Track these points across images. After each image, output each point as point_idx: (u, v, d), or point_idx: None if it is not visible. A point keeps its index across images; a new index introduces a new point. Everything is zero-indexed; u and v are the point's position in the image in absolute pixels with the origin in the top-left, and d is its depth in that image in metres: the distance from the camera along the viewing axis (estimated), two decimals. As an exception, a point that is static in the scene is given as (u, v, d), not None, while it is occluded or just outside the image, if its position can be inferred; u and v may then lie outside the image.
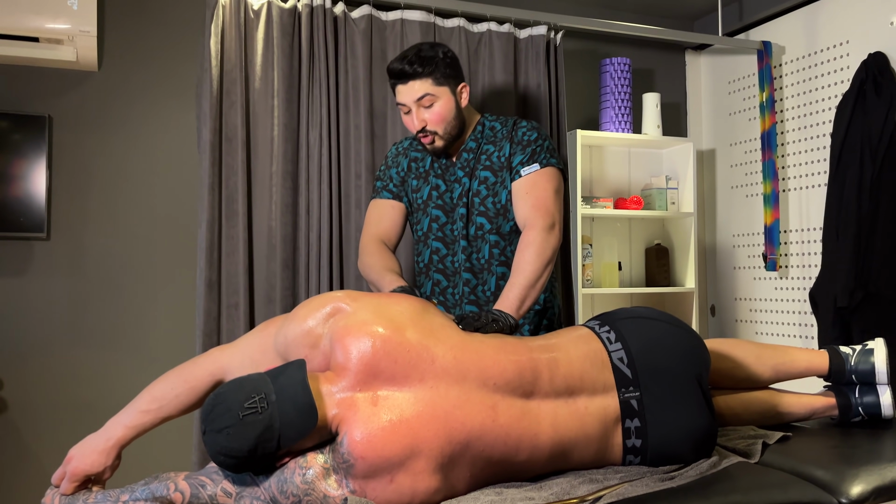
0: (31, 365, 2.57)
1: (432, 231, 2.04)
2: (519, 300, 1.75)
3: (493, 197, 1.98)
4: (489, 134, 2.02)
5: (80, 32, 2.53)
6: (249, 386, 1.33)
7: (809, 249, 3.07)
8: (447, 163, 2.04)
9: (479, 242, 2.01)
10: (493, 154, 2.00)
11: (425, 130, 1.94)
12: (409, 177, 2.07)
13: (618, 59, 3.17)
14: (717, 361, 1.88)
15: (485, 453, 1.37)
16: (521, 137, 1.97)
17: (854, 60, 2.86)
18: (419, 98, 1.91)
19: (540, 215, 1.86)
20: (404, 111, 1.95)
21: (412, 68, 1.90)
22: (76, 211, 2.63)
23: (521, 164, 1.94)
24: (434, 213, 2.03)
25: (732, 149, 3.48)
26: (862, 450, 1.66)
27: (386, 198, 2.08)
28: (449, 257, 2.03)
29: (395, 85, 1.94)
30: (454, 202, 2.02)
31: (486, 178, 1.99)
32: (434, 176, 2.04)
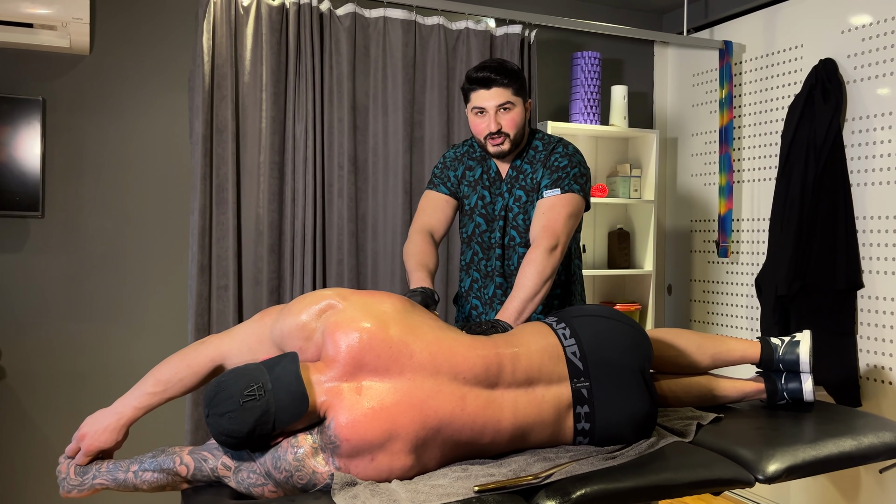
0: (28, 336, 2.72)
1: (475, 235, 2.24)
2: (517, 312, 1.94)
3: (523, 214, 2.19)
4: (532, 154, 2.21)
5: (73, 19, 2.62)
6: (248, 375, 1.52)
7: (758, 238, 3.31)
8: (496, 177, 2.23)
9: (511, 252, 2.21)
10: (529, 175, 2.19)
11: (500, 132, 2.11)
12: (462, 182, 2.26)
13: (588, 53, 3.33)
14: (662, 350, 2.11)
15: (454, 437, 1.59)
16: (552, 163, 2.16)
17: (807, 64, 3.06)
18: (501, 103, 2.09)
19: (546, 236, 2.04)
20: (477, 113, 2.12)
21: (499, 77, 2.08)
22: (70, 190, 2.76)
23: (546, 187, 2.13)
24: (478, 219, 2.22)
25: (693, 139, 3.69)
26: (782, 432, 1.90)
27: (442, 192, 2.26)
28: (484, 261, 2.23)
29: (473, 90, 2.11)
30: (495, 213, 2.22)
31: (520, 196, 2.19)
32: (482, 187, 2.23)
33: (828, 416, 2.05)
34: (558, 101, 3.57)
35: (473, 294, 2.27)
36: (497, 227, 2.22)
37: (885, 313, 2.76)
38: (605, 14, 3.65)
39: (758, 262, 3.30)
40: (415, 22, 2.75)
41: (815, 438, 1.84)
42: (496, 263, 2.22)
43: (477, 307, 2.27)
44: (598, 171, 3.68)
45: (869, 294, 2.81)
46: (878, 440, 1.89)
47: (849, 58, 2.90)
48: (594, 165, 3.67)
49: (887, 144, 2.76)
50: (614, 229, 3.67)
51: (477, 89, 2.11)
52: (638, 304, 3.58)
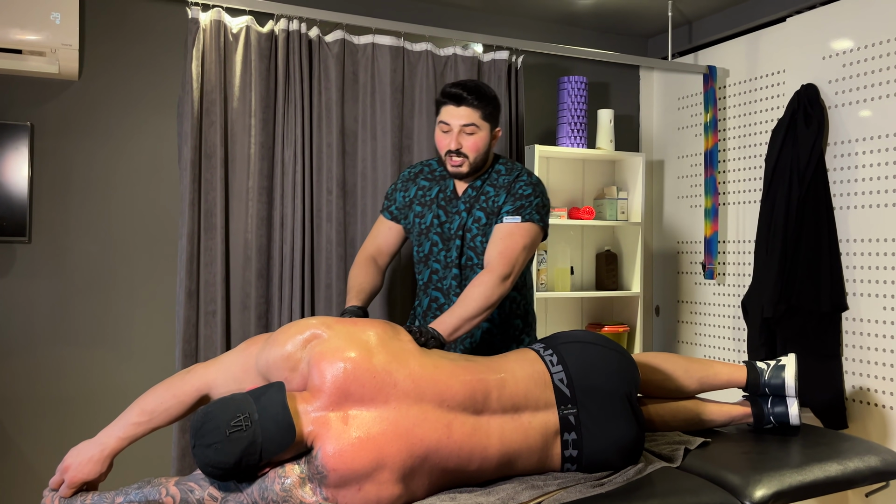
0: (14, 362, 2.70)
1: (432, 254, 2.24)
2: (454, 327, 1.93)
3: (481, 236, 2.18)
4: (494, 177, 2.22)
5: (62, 45, 2.63)
6: (234, 406, 1.51)
7: (744, 260, 3.35)
8: (451, 195, 2.24)
9: (468, 271, 2.22)
10: (492, 198, 2.19)
11: (459, 153, 2.13)
12: (414, 202, 2.27)
13: (575, 78, 3.37)
14: (649, 374, 2.13)
15: (440, 465, 1.59)
16: (516, 190, 2.17)
17: (789, 89, 3.11)
18: (466, 124, 2.11)
19: (502, 263, 2.03)
20: (444, 129, 2.14)
21: (470, 97, 2.11)
22: (57, 216, 2.75)
23: (508, 213, 2.13)
24: (434, 238, 2.23)
25: (679, 161, 3.73)
26: (769, 456, 1.92)
27: (386, 217, 2.33)
28: (445, 279, 2.23)
29: (443, 104, 2.14)
30: (451, 232, 2.21)
31: (479, 217, 2.19)
32: (437, 206, 2.23)
33: (814, 439, 2.06)
34: (545, 125, 3.60)
35: (432, 314, 2.26)
36: (454, 246, 2.21)
37: (869, 335, 2.79)
38: (591, 39, 3.70)
39: (744, 283, 3.33)
40: (403, 48, 2.78)
41: (801, 463, 1.86)
42: (452, 283, 2.22)
43: None
44: (586, 194, 3.71)
45: (853, 316, 2.84)
46: (863, 464, 1.90)
47: (830, 83, 2.95)
48: (581, 188, 3.70)
49: (869, 168, 2.81)
50: (602, 251, 3.69)
51: (447, 104, 2.13)
52: (626, 326, 3.60)
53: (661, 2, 3.31)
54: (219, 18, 2.51)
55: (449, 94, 2.13)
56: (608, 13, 3.45)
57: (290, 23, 2.59)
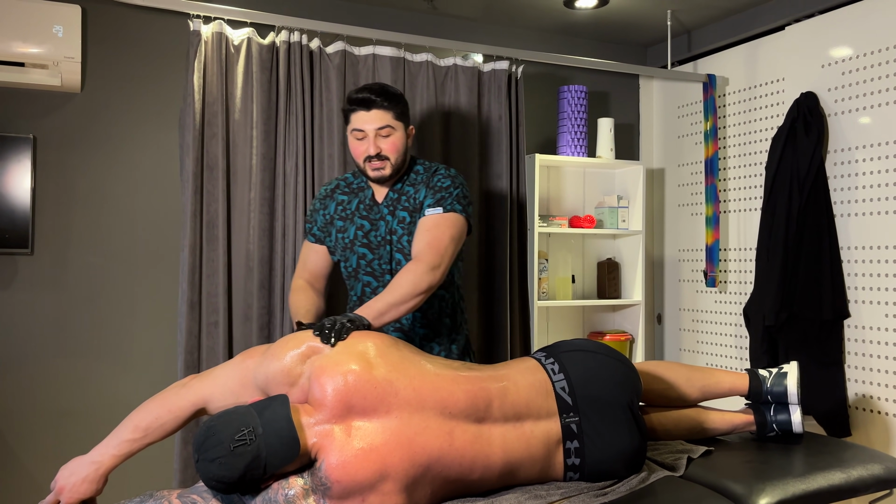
0: (15, 374, 2.70)
1: (361, 267, 2.19)
2: (380, 312, 1.87)
3: (408, 236, 2.15)
4: (413, 177, 2.19)
5: (64, 58, 2.65)
6: (238, 420, 1.51)
7: (745, 267, 3.35)
8: (371, 203, 2.19)
9: None
10: (412, 196, 2.17)
11: (380, 156, 2.09)
12: (335, 218, 2.22)
13: (575, 87, 3.38)
14: (651, 383, 2.12)
15: (443, 473, 1.59)
16: (435, 183, 2.15)
17: (789, 97, 3.12)
18: (380, 127, 2.08)
19: (431, 253, 2.00)
20: (358, 137, 2.10)
21: (379, 99, 2.08)
22: (59, 228, 2.76)
23: (428, 205, 2.11)
24: (361, 251, 2.18)
25: (680, 169, 3.74)
26: (772, 465, 1.92)
27: (311, 241, 2.28)
28: (380, 288, 2.18)
29: (353, 111, 2.10)
30: (378, 240, 2.17)
31: (403, 217, 2.15)
32: (360, 217, 2.19)
33: (817, 448, 2.06)
34: (546, 134, 3.61)
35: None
36: (384, 253, 2.18)
37: (871, 342, 2.79)
38: (590, 48, 3.72)
39: (745, 291, 3.33)
40: (403, 59, 2.79)
41: (804, 472, 1.86)
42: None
43: None
44: (587, 202, 3.72)
45: (855, 323, 2.84)
46: (866, 472, 1.90)
47: (829, 91, 2.96)
48: (582, 197, 3.71)
49: (869, 176, 2.81)
50: (603, 260, 3.69)
51: (357, 110, 2.09)
52: (628, 334, 3.60)
53: (660, 11, 3.33)
54: (220, 31, 2.52)
55: (357, 101, 2.09)
56: (607, 23, 3.47)
57: (291, 34, 2.61)
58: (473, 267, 2.92)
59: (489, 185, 2.97)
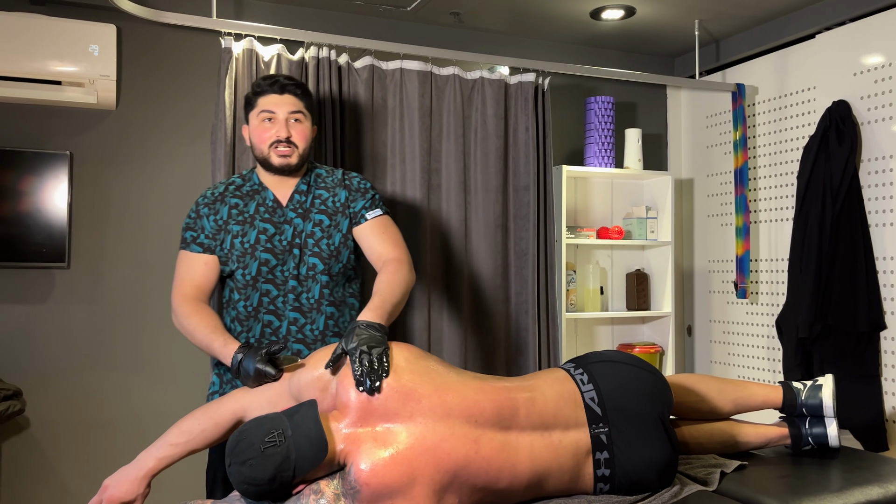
0: (52, 385, 2.76)
1: (262, 274, 2.03)
2: (390, 315, 1.83)
3: (327, 239, 2.06)
4: (318, 180, 2.13)
5: (100, 77, 2.71)
6: (269, 423, 1.55)
7: (777, 278, 3.30)
8: (274, 205, 2.07)
9: (310, 283, 2.05)
10: (329, 199, 2.10)
11: (289, 142, 2.02)
12: (229, 223, 2.05)
13: (602, 98, 3.38)
14: (682, 395, 2.10)
15: (470, 481, 1.59)
16: (358, 185, 2.13)
17: (820, 105, 3.08)
18: (293, 111, 2.03)
19: (403, 252, 2.04)
20: (266, 118, 2.02)
21: (293, 85, 2.05)
22: (95, 242, 2.82)
23: (365, 208, 2.09)
24: (263, 256, 2.03)
25: (709, 179, 3.70)
26: (807, 480, 1.88)
27: (196, 251, 2.05)
28: (280, 298, 2.05)
29: (262, 94, 2.03)
30: (285, 244, 2.05)
31: (320, 220, 2.07)
32: (261, 220, 2.05)
33: (854, 462, 2.02)
34: (573, 146, 3.61)
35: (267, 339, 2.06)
36: (289, 259, 2.05)
37: (909, 355, 2.73)
38: (617, 59, 3.71)
39: (777, 302, 3.28)
40: (430, 73, 2.82)
41: (841, 487, 1.82)
42: (290, 297, 2.04)
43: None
44: (615, 214, 3.70)
45: (893, 335, 2.78)
46: (906, 488, 1.85)
47: (862, 99, 2.92)
48: (610, 208, 3.69)
49: (904, 184, 2.76)
50: (632, 271, 3.66)
51: (267, 93, 2.03)
52: (658, 346, 3.56)
53: (687, 21, 3.32)
54: (251, 48, 2.57)
55: (269, 85, 2.03)
56: (634, 33, 3.46)
57: (320, 50, 2.64)
58: (500, 279, 2.92)
59: (516, 196, 2.97)
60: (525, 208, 2.96)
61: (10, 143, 2.71)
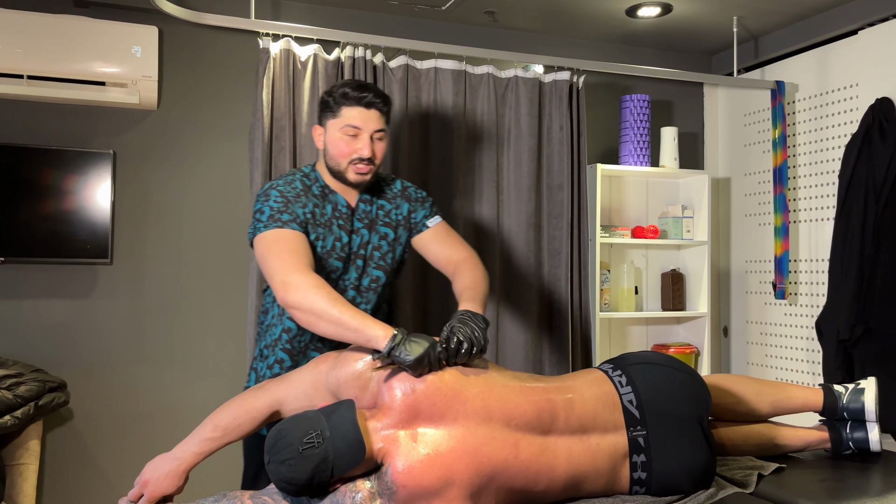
0: (95, 378, 2.83)
1: (329, 281, 1.97)
2: (484, 306, 1.90)
3: (392, 253, 2.06)
4: (378, 189, 2.08)
5: (142, 77, 2.77)
6: (307, 423, 1.55)
7: (818, 279, 3.24)
8: (347, 213, 2.02)
9: (370, 294, 2.04)
10: (392, 211, 2.07)
11: (371, 161, 1.95)
12: (312, 221, 1.96)
13: (637, 96, 3.35)
14: (720, 397, 2.07)
15: (507, 484, 1.59)
16: (416, 196, 2.12)
17: (863, 103, 3.01)
18: (377, 129, 1.95)
19: (470, 251, 2.08)
20: (351, 133, 1.92)
21: (381, 102, 1.96)
22: (137, 239, 2.88)
23: (425, 217, 2.11)
24: (335, 264, 1.98)
25: (747, 178, 3.65)
26: (847, 484, 1.85)
27: (296, 229, 1.88)
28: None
29: (348, 105, 1.93)
30: (351, 252, 2.01)
31: (385, 233, 2.05)
32: (337, 226, 2.00)
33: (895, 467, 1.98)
34: (608, 144, 3.59)
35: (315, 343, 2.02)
36: (353, 268, 2.01)
37: (955, 358, 2.66)
38: (653, 57, 3.68)
39: (817, 303, 3.22)
40: (465, 72, 2.82)
41: (882, 491, 1.78)
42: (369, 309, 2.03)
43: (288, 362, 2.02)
44: (650, 213, 3.67)
45: (937, 338, 2.71)
46: (951, 494, 1.81)
47: (906, 96, 2.85)
48: (645, 207, 3.66)
49: (951, 184, 2.69)
50: (667, 271, 3.63)
51: (354, 106, 1.92)
52: (693, 347, 3.52)
53: (725, 18, 3.27)
54: (288, 48, 2.60)
55: (357, 98, 1.93)
56: (671, 31, 3.43)
57: (356, 50, 2.66)
58: (533, 277, 2.91)
59: (550, 196, 2.96)
60: (559, 207, 2.95)
61: (56, 143, 2.78)
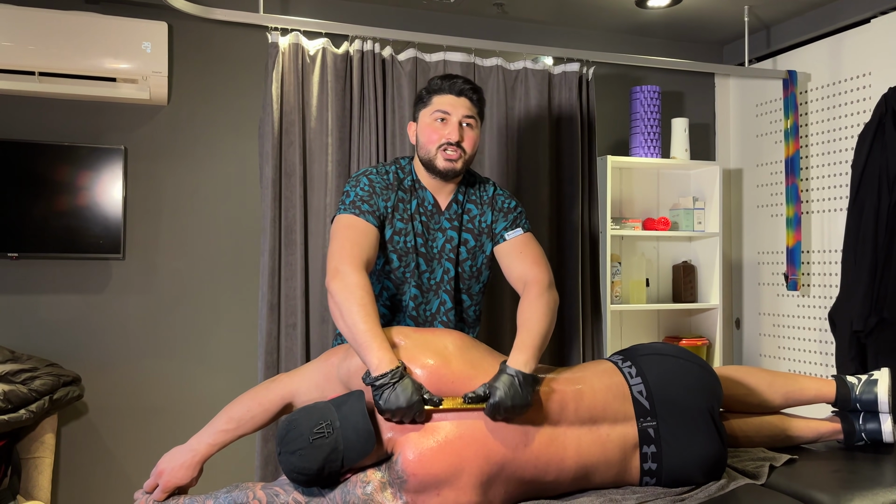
0: (109, 372, 2.86)
1: (415, 276, 1.98)
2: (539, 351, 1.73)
3: (471, 259, 2.03)
4: (470, 192, 2.05)
5: (152, 73, 2.79)
6: (317, 414, 1.57)
7: (830, 270, 3.22)
8: (434, 210, 2.00)
9: (464, 297, 2.05)
10: (477, 218, 2.03)
11: (459, 145, 1.92)
12: (395, 215, 1.95)
13: (648, 87, 3.33)
14: (731, 388, 2.07)
15: (517, 474, 1.59)
16: (501, 205, 2.04)
17: (876, 92, 2.98)
18: (467, 115, 1.93)
19: (543, 272, 1.93)
20: (440, 117, 1.92)
21: (470, 89, 1.95)
22: (149, 234, 2.90)
23: (506, 229, 2.01)
24: (419, 259, 1.98)
25: (759, 169, 3.62)
26: (860, 475, 1.84)
27: (372, 223, 1.88)
28: (423, 305, 2.01)
29: (438, 93, 1.93)
30: (435, 252, 2.00)
31: (467, 240, 2.02)
32: (419, 222, 1.98)
33: (910, 458, 1.96)
34: (618, 135, 3.57)
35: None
36: (438, 268, 2.00)
37: (970, 349, 2.63)
38: (663, 48, 3.65)
39: (830, 295, 3.19)
40: (474, 64, 2.82)
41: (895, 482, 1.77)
42: (440, 308, 2.00)
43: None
44: (661, 204, 3.65)
45: (952, 328, 2.69)
46: (965, 485, 1.79)
47: (920, 85, 2.82)
48: (656, 199, 3.64)
49: (966, 173, 2.66)
50: (678, 263, 3.61)
51: (445, 94, 1.93)
52: (705, 339, 3.51)
53: (736, 8, 3.24)
54: (297, 42, 2.60)
55: (447, 87, 1.94)
56: (681, 21, 3.40)
57: (365, 43, 2.67)
58: (545, 270, 2.91)
59: (561, 187, 2.96)
60: (569, 199, 2.94)
61: (68, 139, 2.80)
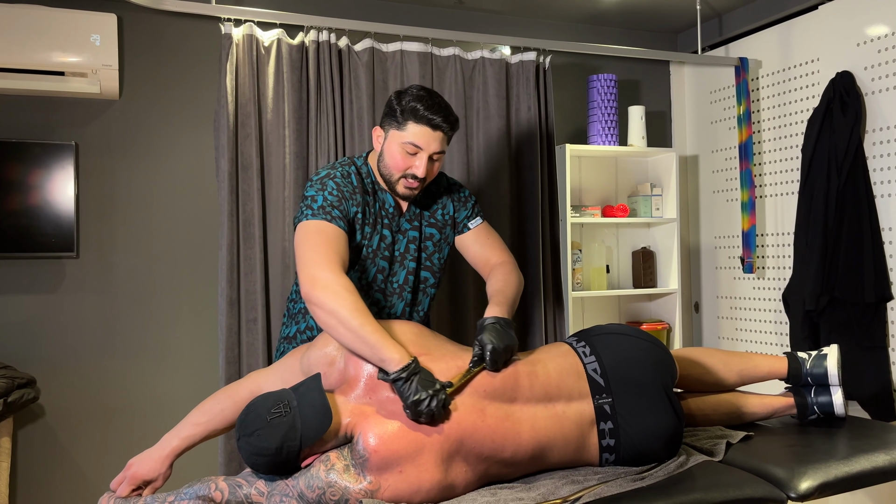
0: (65, 374, 2.80)
1: (376, 282, 1.97)
2: (512, 311, 1.90)
3: (438, 253, 2.06)
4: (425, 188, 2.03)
5: (102, 66, 2.73)
6: (275, 395, 1.60)
7: (784, 252, 3.29)
8: (395, 212, 2.00)
9: (422, 296, 2.06)
10: (437, 211, 2.05)
11: (423, 180, 1.92)
12: (359, 219, 1.93)
13: (604, 76, 3.37)
14: (688, 368, 2.11)
15: (476, 449, 1.62)
16: (460, 195, 2.10)
17: (824, 77, 3.06)
18: (438, 151, 1.91)
19: (509, 255, 2.08)
20: (410, 151, 1.88)
21: (446, 125, 1.90)
22: (103, 231, 2.85)
23: (468, 218, 2.09)
24: (381, 263, 1.97)
25: (714, 155, 3.69)
26: (813, 448, 1.89)
27: (342, 227, 1.84)
28: (386, 310, 2.01)
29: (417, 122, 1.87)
30: (398, 254, 2.00)
31: (431, 234, 2.04)
32: (382, 225, 1.97)
33: (860, 431, 2.02)
34: (576, 124, 3.60)
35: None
36: (400, 271, 2.00)
37: (916, 324, 2.72)
38: (619, 36, 3.69)
39: (784, 276, 3.27)
40: (431, 54, 2.81)
41: (847, 454, 1.83)
42: (403, 311, 2.03)
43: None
44: (619, 192, 3.70)
45: (899, 305, 2.78)
46: (912, 454, 1.86)
47: (866, 69, 2.90)
48: (615, 186, 3.69)
49: (909, 154, 2.75)
50: (637, 249, 3.67)
51: (421, 125, 1.87)
52: (665, 323, 3.57)
53: (688, -4, 3.29)
54: (251, 33, 2.57)
55: (426, 119, 1.87)
56: (635, 10, 3.44)
57: (320, 34, 2.64)
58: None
59: (520, 176, 2.98)
60: (530, 188, 2.96)
61: (16, 135, 2.73)
